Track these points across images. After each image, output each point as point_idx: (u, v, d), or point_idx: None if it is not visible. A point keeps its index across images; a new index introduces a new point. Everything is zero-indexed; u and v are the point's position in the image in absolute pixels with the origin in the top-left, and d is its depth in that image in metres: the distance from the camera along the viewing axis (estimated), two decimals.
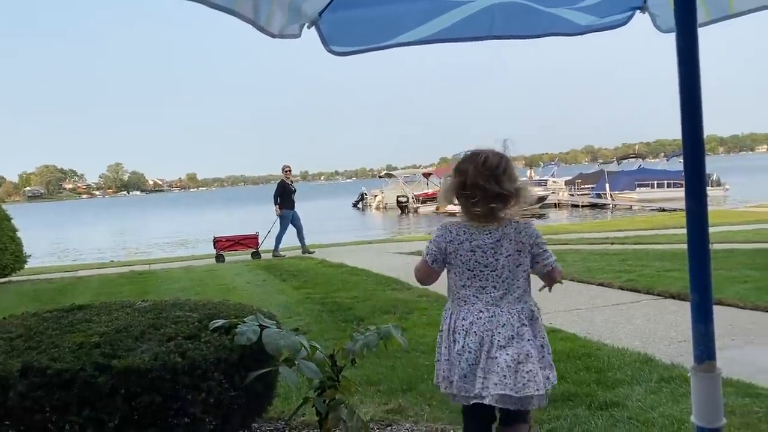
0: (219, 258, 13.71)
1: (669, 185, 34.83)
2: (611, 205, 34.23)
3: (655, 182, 34.79)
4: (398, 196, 42.28)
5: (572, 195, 38.76)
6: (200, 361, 2.45)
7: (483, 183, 2.22)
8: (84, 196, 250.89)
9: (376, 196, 49.10)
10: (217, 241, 13.97)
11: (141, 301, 3.35)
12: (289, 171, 14.52)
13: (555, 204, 38.48)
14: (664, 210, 27.97)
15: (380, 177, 53.55)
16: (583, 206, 36.17)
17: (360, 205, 52.44)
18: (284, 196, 14.18)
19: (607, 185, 34.99)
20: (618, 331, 5.13)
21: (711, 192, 34.37)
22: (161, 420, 2.36)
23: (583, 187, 38.86)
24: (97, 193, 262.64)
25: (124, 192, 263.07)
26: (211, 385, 2.46)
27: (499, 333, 2.20)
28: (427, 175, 45.58)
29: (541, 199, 37.60)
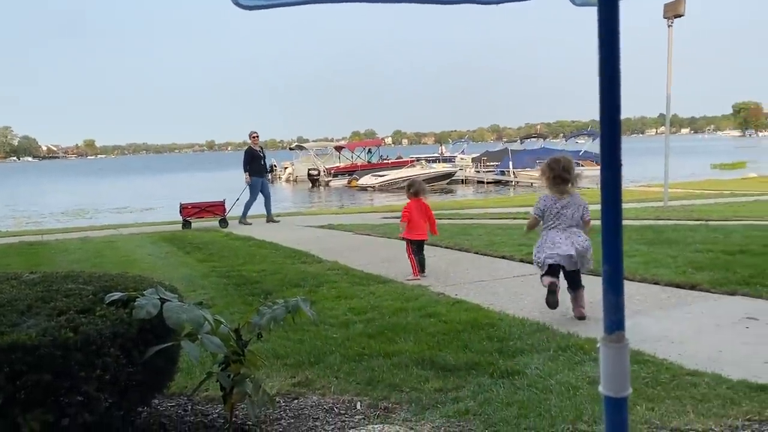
0: (186, 225, 13.22)
1: None
2: (514, 183, 35.45)
3: None
4: (309, 169, 41.85)
5: (478, 172, 39.81)
6: (95, 336, 2.31)
7: (563, 176, 4.72)
8: None
9: (286, 168, 48.31)
10: (183, 208, 13.45)
11: (29, 272, 3.12)
12: (257, 137, 14.09)
13: (462, 180, 39.43)
14: None
15: (291, 149, 52.64)
16: (487, 183, 37.28)
17: (269, 177, 51.37)
18: (253, 163, 13.83)
19: (511, 163, 36.17)
20: (519, 302, 5.33)
21: None
22: (51, 399, 2.22)
23: (488, 164, 40.00)
24: None
25: (14, 158, 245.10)
26: (107, 362, 2.33)
27: (567, 242, 4.67)
28: (339, 149, 45.31)
29: (449, 175, 38.46)
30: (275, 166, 51.29)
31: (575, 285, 4.74)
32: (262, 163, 14.12)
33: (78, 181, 66.53)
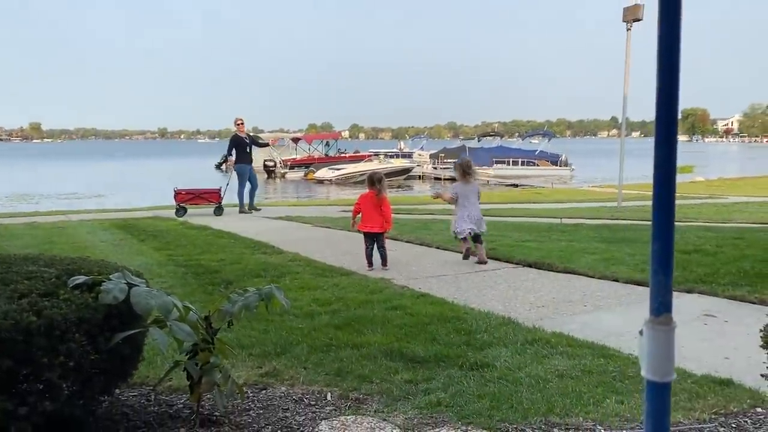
0: (179, 211, 12.73)
1: (523, 163, 37.05)
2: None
3: (511, 160, 36.85)
4: (265, 160, 41.17)
5: (435, 168, 40.03)
6: (59, 320, 2.19)
7: (466, 170, 7.16)
8: None
9: None
10: (177, 194, 12.99)
11: None
12: (242, 124, 13.85)
13: (419, 176, 39.58)
14: (516, 186, 29.86)
15: None
16: (444, 179, 37.52)
17: (224, 167, 50.36)
18: (239, 150, 13.62)
19: None
20: (483, 296, 5.35)
21: (559, 171, 37.13)
22: (11, 386, 2.09)
23: (446, 161, 40.25)
24: None
25: None
26: (71, 348, 2.21)
27: (475, 216, 6.95)
28: (295, 141, 44.80)
29: (406, 170, 38.56)
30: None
31: (479, 240, 6.95)
32: (248, 150, 13.86)
33: (23, 164, 64.06)
